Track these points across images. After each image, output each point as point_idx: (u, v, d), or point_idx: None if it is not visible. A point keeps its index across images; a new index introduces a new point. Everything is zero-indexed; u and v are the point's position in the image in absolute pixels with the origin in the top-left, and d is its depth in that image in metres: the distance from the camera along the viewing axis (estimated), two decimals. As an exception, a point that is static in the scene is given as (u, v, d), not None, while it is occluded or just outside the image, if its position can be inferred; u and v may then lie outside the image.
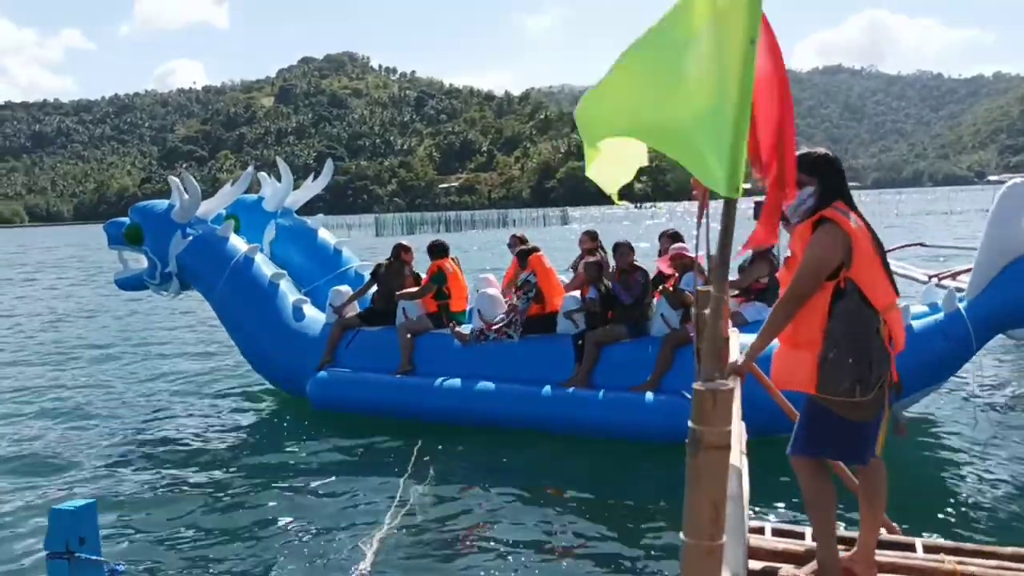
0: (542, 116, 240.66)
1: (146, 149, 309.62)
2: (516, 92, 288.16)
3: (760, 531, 3.95)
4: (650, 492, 6.43)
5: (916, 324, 6.93)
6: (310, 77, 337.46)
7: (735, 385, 3.20)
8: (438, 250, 9.17)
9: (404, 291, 9.07)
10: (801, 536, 3.91)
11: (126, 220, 9.80)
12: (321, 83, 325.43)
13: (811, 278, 3.19)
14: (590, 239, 9.43)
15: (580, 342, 8.03)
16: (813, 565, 3.41)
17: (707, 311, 3.88)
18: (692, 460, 1.81)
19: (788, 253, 3.48)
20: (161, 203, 9.85)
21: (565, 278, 9.38)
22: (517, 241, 9.67)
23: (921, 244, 15.15)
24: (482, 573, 5.04)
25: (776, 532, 4.00)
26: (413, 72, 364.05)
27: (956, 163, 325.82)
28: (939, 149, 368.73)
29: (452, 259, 9.30)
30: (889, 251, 13.15)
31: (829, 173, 3.31)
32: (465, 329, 8.71)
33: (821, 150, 3.40)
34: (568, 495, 6.47)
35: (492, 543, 5.48)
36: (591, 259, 8.53)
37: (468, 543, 5.52)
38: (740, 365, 3.23)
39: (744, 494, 2.92)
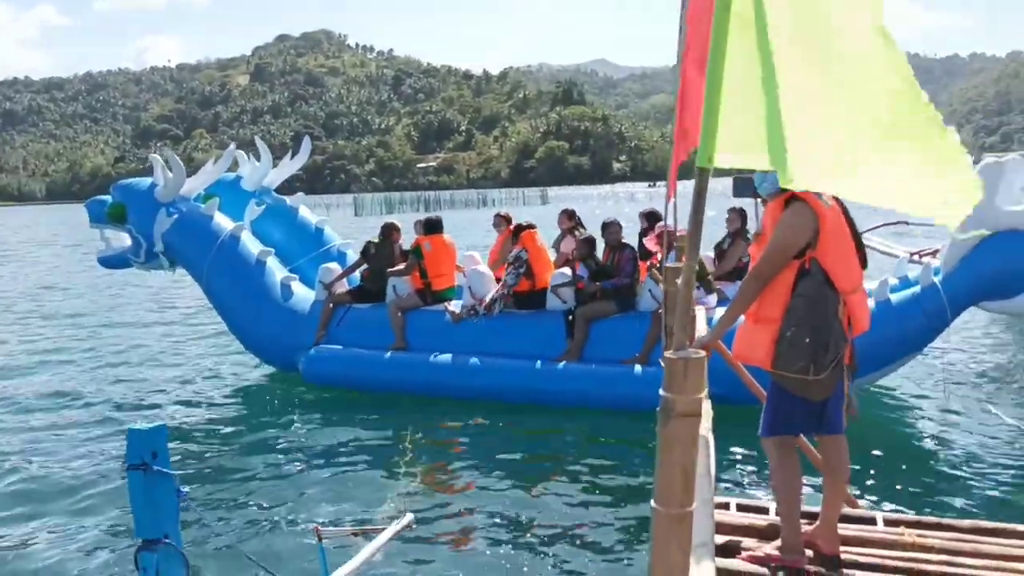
0: (521, 95, 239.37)
1: (119, 128, 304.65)
2: (494, 71, 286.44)
3: (725, 506, 3.99)
4: (639, 461, 6.63)
5: (894, 297, 7.27)
6: (286, 55, 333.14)
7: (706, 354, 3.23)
8: (423, 226, 9.29)
9: (393, 268, 9.16)
10: (766, 511, 3.95)
11: (108, 198, 9.73)
12: (297, 61, 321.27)
13: (778, 256, 3.20)
14: (568, 218, 9.63)
15: (570, 317, 8.19)
16: (778, 541, 3.45)
17: (677, 282, 3.93)
18: (663, 428, 1.80)
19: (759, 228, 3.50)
20: (144, 181, 9.80)
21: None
22: (502, 220, 9.76)
23: (904, 222, 15.22)
24: (485, 541, 5.24)
25: (741, 507, 4.04)
26: (391, 51, 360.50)
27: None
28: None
29: (444, 237, 9.28)
30: (874, 228, 13.22)
31: None
32: (456, 306, 8.80)
33: None
34: (560, 466, 6.70)
35: (491, 514, 5.69)
36: (584, 235, 8.71)
37: (467, 515, 5.71)
38: (706, 340, 3.24)
39: (711, 468, 2.96)
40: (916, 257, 9.43)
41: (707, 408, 3.21)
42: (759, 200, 3.66)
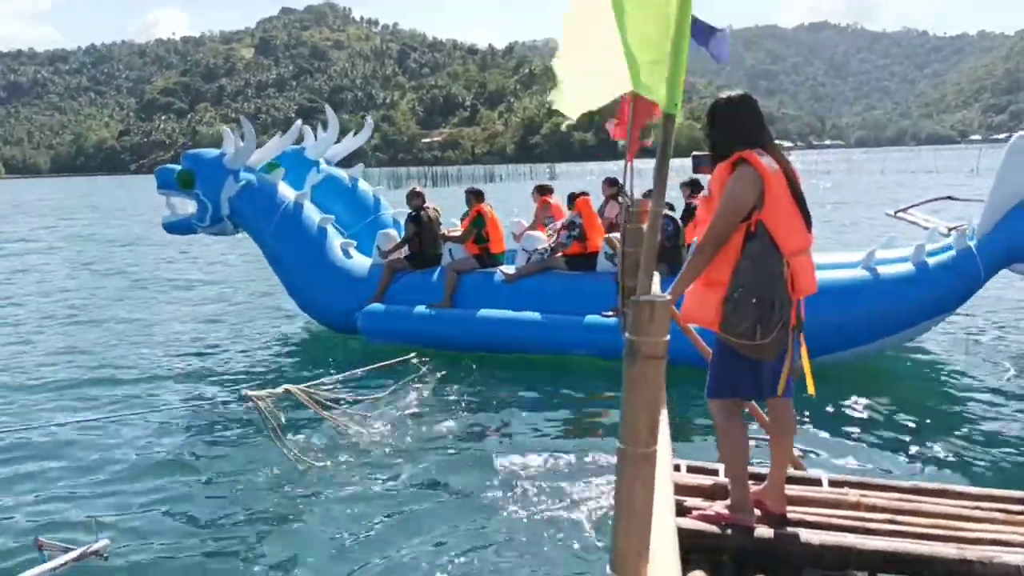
0: (526, 70, 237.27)
1: (123, 101, 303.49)
2: (500, 46, 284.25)
3: (676, 468, 4.03)
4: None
5: (931, 261, 7.78)
6: (291, 28, 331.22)
7: (671, 296, 3.19)
8: (476, 196, 9.69)
9: (451, 236, 9.57)
10: (716, 473, 4.00)
11: (177, 166, 10.26)
12: (302, 35, 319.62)
13: (727, 219, 3.24)
14: (610, 185, 10.08)
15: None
16: (727, 500, 3.53)
17: (638, 242, 4.15)
18: (629, 369, 1.86)
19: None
20: (212, 151, 10.42)
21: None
22: (539, 190, 10.26)
23: (950, 198, 15.21)
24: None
25: (691, 469, 4.11)
26: (395, 24, 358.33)
27: (939, 122, 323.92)
28: (923, 108, 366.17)
29: (488, 205, 9.76)
30: (919, 204, 13.51)
31: (724, 119, 3.40)
32: (509, 269, 9.27)
33: (725, 96, 3.46)
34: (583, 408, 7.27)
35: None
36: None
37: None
38: None
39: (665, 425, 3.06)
40: (951, 231, 9.86)
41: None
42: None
